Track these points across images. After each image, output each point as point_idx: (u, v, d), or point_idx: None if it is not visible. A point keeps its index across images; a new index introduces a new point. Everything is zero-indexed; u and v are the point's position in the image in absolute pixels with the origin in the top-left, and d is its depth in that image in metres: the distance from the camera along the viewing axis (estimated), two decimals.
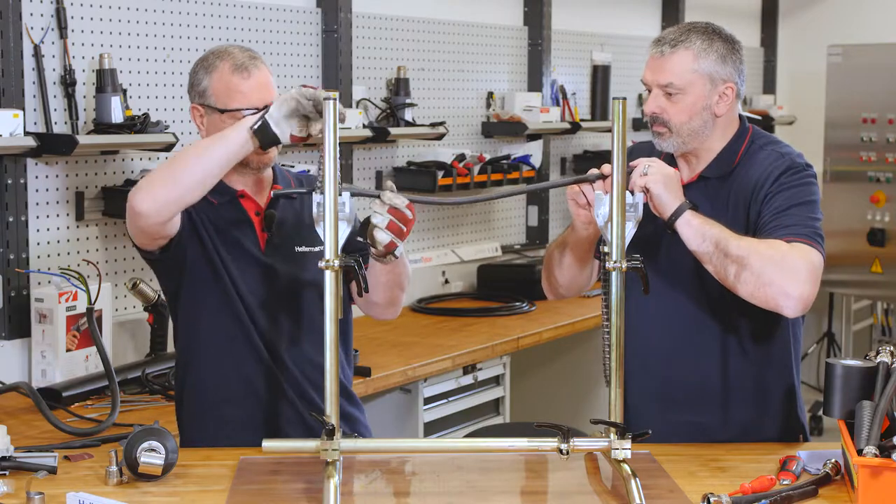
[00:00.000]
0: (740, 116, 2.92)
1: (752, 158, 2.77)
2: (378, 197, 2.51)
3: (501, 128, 5.31)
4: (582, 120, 5.80)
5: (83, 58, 3.63)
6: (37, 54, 3.48)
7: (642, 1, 6.65)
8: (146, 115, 3.62)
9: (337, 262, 2.32)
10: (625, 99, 2.48)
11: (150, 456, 2.40)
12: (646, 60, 2.82)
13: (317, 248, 2.75)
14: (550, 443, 2.43)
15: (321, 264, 2.32)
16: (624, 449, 2.42)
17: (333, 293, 2.33)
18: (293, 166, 4.21)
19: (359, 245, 2.64)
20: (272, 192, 2.77)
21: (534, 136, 5.41)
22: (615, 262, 2.42)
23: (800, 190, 2.70)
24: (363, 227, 2.55)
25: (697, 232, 2.57)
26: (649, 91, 2.79)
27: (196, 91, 2.74)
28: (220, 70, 2.70)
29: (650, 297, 2.58)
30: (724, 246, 2.56)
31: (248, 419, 2.75)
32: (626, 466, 2.40)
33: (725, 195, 2.76)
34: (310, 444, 2.39)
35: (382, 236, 2.51)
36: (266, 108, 2.61)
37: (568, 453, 2.41)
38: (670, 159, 2.81)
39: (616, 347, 2.44)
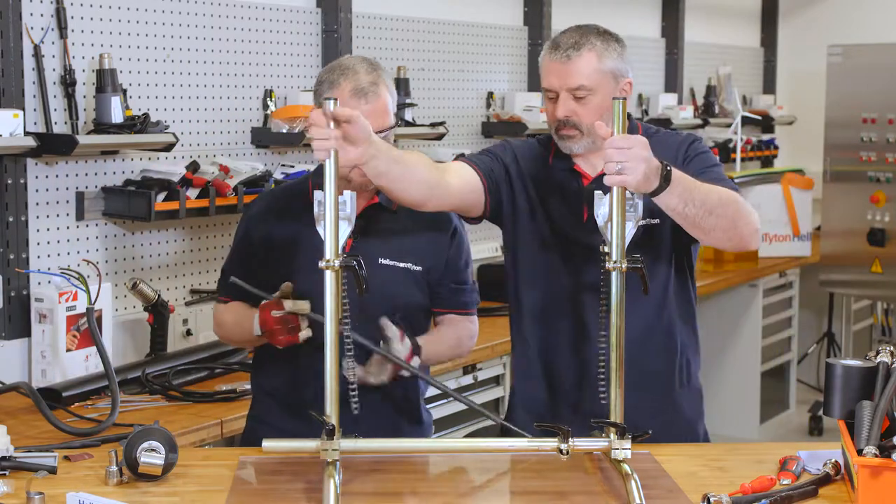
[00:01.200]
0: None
1: (652, 143, 2.64)
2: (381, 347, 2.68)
3: (501, 128, 5.31)
4: None
5: (83, 58, 3.63)
6: (37, 54, 3.48)
7: (642, 1, 6.65)
8: (146, 115, 3.62)
9: (337, 262, 2.33)
10: (625, 99, 2.48)
11: (150, 456, 2.40)
12: (543, 65, 2.85)
13: (402, 265, 2.83)
14: (550, 443, 2.43)
15: (321, 264, 2.32)
16: (624, 449, 2.42)
17: (333, 293, 2.33)
18: (293, 166, 4.22)
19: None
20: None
21: (534, 136, 5.40)
22: (615, 262, 2.42)
23: (706, 155, 2.86)
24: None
25: (681, 201, 2.57)
26: (552, 98, 2.81)
27: (317, 98, 2.80)
28: (340, 89, 2.72)
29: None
30: (704, 202, 2.59)
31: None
32: (625, 466, 2.40)
33: None
34: (310, 445, 2.39)
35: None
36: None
37: (568, 453, 2.41)
38: (567, 160, 2.85)
39: (616, 348, 2.44)
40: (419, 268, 2.85)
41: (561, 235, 2.86)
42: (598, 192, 2.50)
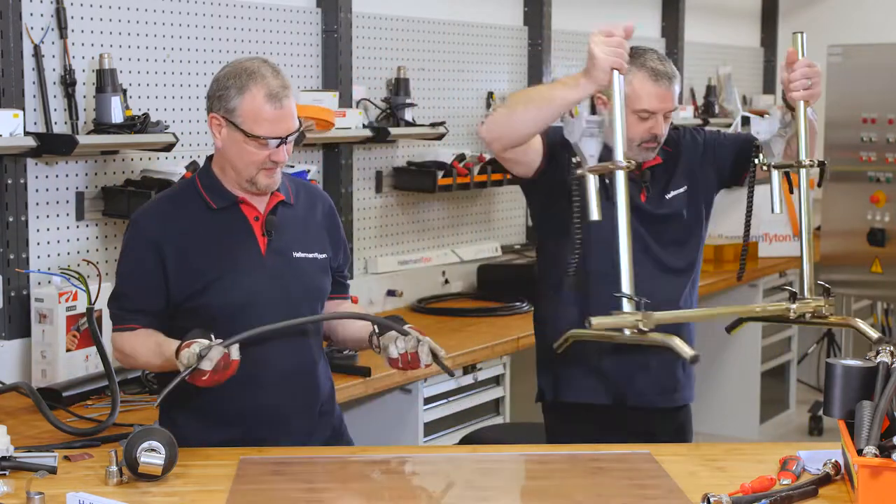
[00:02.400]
0: None
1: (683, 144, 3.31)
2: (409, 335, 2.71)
3: None
4: None
5: (83, 58, 3.63)
6: (37, 54, 3.48)
7: (642, 1, 6.65)
8: (146, 115, 3.62)
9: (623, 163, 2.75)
10: (803, 33, 3.01)
11: (150, 456, 2.40)
12: (640, 87, 3.11)
13: (311, 255, 2.85)
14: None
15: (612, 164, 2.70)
16: None
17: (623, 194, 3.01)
18: (292, 166, 4.21)
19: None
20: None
21: None
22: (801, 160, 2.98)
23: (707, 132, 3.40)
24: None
25: None
26: (644, 117, 3.10)
27: (222, 104, 2.75)
28: (252, 94, 2.72)
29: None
30: None
31: (234, 410, 2.78)
32: None
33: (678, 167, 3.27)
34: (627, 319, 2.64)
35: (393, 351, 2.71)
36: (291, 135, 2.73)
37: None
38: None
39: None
40: (325, 255, 2.90)
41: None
42: (753, 116, 3.04)
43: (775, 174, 3.04)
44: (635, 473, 2.55)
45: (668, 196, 3.23)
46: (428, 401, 3.95)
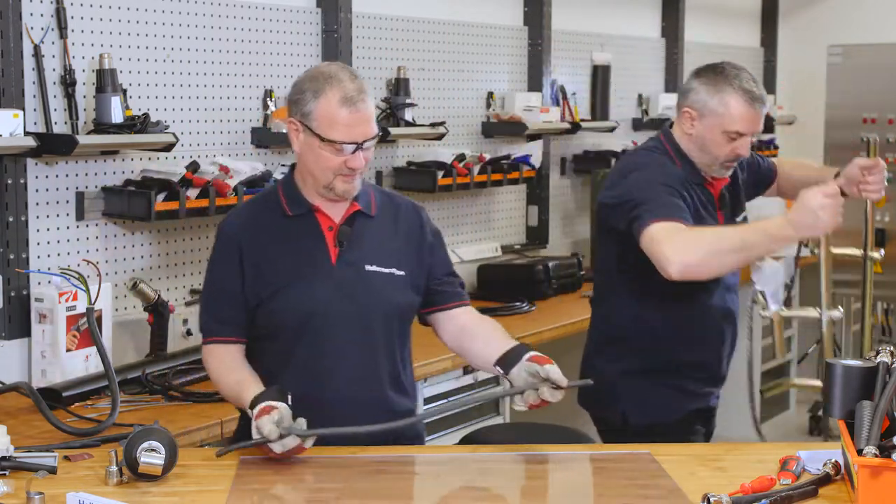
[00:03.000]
0: None
1: None
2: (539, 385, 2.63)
3: (501, 128, 5.31)
4: (582, 120, 5.80)
5: (83, 58, 3.63)
6: (37, 54, 3.48)
7: (642, 1, 6.65)
8: (146, 115, 3.62)
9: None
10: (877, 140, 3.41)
11: (150, 456, 2.40)
12: (737, 110, 3.23)
13: (387, 270, 2.79)
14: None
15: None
16: None
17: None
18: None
19: None
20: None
21: (534, 136, 5.41)
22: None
23: None
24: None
25: None
26: (734, 137, 3.23)
27: (298, 109, 2.72)
28: (327, 98, 2.68)
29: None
30: None
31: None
32: None
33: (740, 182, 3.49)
34: None
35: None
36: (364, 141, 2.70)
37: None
38: (698, 176, 3.33)
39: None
40: (402, 272, 2.82)
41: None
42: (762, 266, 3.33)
43: (775, 319, 3.22)
44: (635, 473, 2.55)
45: (738, 220, 3.39)
46: (428, 401, 3.95)
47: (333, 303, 2.73)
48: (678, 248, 2.97)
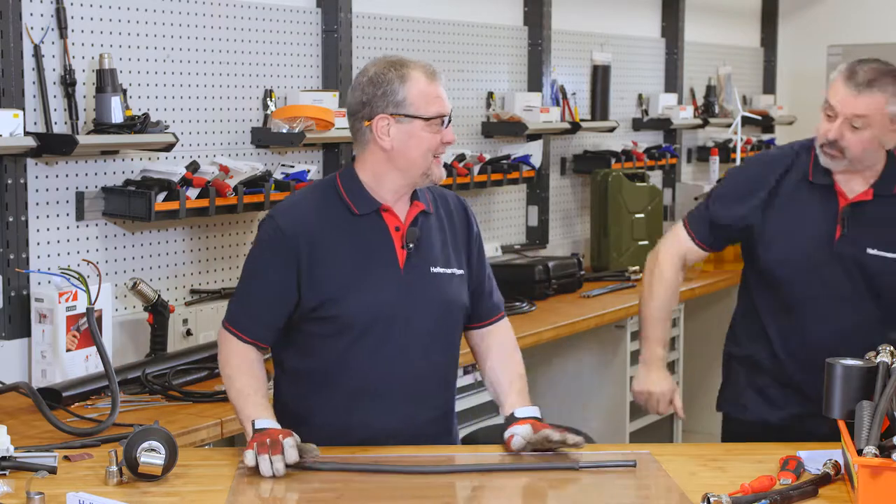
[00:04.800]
0: None
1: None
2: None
3: (501, 128, 5.31)
4: (582, 120, 5.80)
5: (83, 58, 3.63)
6: (37, 54, 3.48)
7: (642, 1, 6.65)
8: (146, 115, 3.62)
9: None
10: None
11: (150, 456, 2.40)
12: (833, 84, 3.05)
13: (449, 270, 2.80)
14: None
15: None
16: None
17: None
18: (293, 166, 4.22)
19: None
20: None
21: (534, 136, 5.41)
22: None
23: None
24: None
25: None
26: (831, 116, 3.04)
27: (388, 100, 2.70)
28: (415, 80, 2.71)
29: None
30: None
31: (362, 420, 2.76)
32: None
33: None
34: None
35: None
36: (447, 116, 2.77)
37: None
38: (828, 176, 3.13)
39: None
40: (462, 271, 2.84)
41: (811, 250, 3.13)
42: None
43: None
44: (635, 473, 2.55)
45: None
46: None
47: (400, 306, 2.72)
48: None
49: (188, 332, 3.89)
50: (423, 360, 2.76)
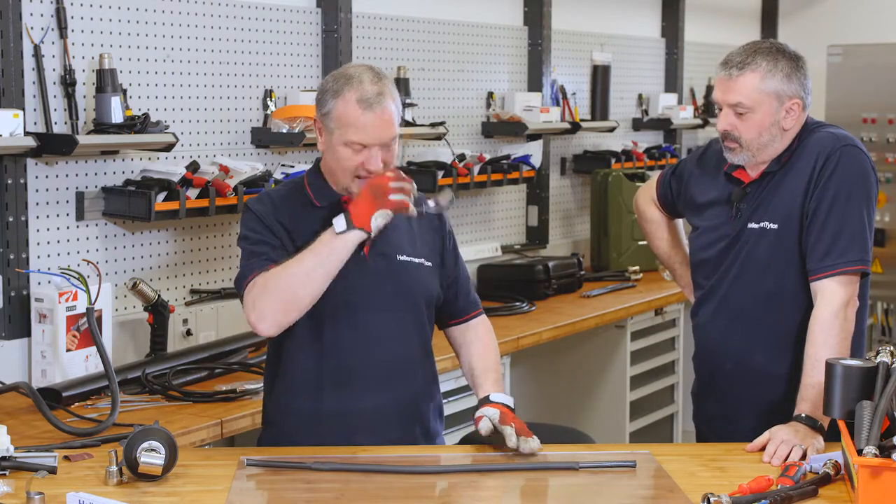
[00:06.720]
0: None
1: (801, 147, 3.03)
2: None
3: (501, 128, 5.31)
4: (582, 120, 5.80)
5: (83, 58, 3.63)
6: (37, 54, 3.48)
7: (642, 1, 6.65)
8: (146, 115, 3.62)
9: None
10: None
11: (150, 456, 2.40)
12: (715, 80, 3.02)
13: (418, 260, 2.84)
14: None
15: None
16: None
17: None
18: (293, 166, 4.22)
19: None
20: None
21: (534, 136, 5.41)
22: None
23: (842, 186, 3.18)
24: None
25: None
26: (720, 109, 3.00)
27: (320, 108, 2.76)
28: (345, 99, 2.71)
29: None
30: None
31: (325, 411, 2.79)
32: None
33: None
34: None
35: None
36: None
37: None
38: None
39: None
40: (430, 264, 2.88)
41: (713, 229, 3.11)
42: None
43: None
44: (635, 473, 2.55)
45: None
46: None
47: (364, 292, 2.76)
48: None
49: (188, 332, 3.89)
50: (390, 346, 2.79)
